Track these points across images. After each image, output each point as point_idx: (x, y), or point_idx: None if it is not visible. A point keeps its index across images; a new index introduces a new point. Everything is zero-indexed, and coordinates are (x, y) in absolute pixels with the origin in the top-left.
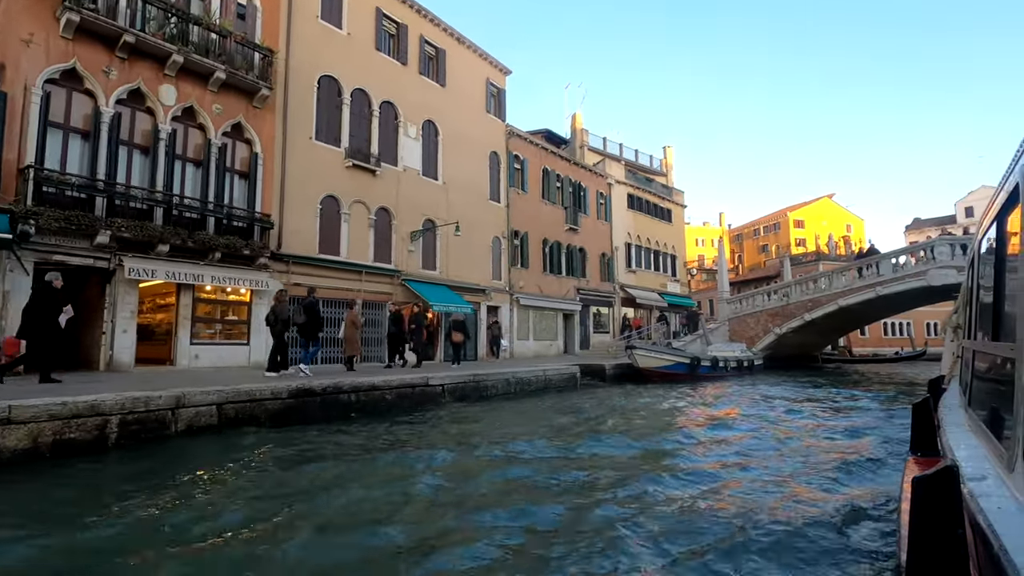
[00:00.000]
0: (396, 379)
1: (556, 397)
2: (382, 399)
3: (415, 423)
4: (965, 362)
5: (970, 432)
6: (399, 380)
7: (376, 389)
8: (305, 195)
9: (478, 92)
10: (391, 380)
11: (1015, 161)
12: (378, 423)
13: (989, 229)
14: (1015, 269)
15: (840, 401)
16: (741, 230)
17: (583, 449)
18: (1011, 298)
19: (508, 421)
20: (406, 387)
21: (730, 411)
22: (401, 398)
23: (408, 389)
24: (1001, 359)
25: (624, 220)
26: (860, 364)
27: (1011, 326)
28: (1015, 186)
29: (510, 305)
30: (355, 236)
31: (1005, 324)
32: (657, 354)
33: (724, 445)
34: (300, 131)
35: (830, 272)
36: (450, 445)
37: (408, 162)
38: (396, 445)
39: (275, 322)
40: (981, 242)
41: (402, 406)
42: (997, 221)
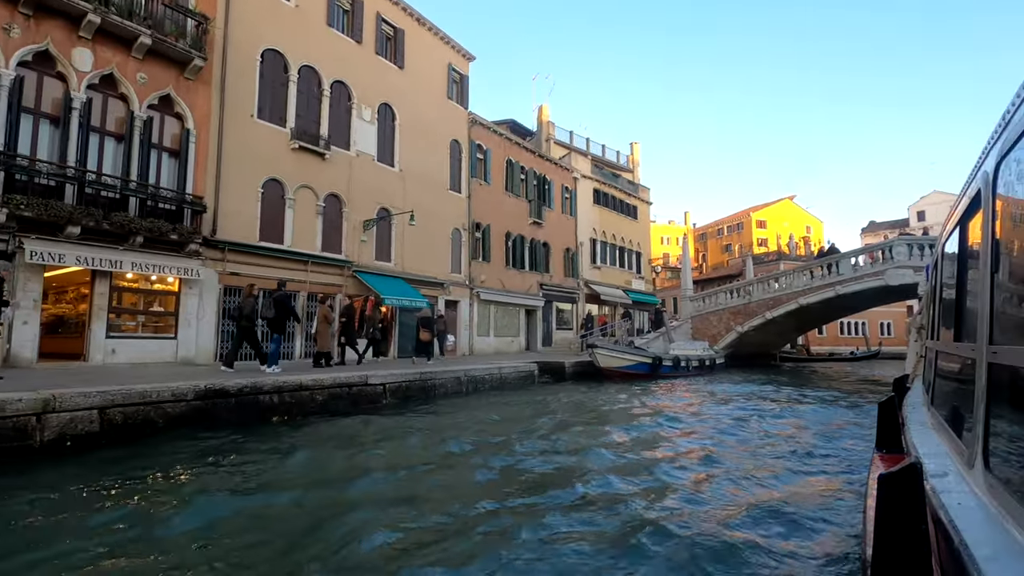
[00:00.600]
0: (328, 378)
1: (511, 396)
2: (311, 400)
3: (320, 442)
4: (928, 362)
5: (933, 430)
6: (332, 379)
7: (304, 389)
8: (245, 177)
9: (439, 77)
10: (322, 379)
11: (977, 167)
12: (291, 431)
13: (952, 233)
14: (976, 272)
15: (804, 403)
16: (705, 229)
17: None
18: (972, 300)
19: (446, 425)
20: (340, 387)
21: (686, 408)
22: (334, 399)
23: (343, 389)
24: (962, 359)
25: (589, 215)
26: (818, 363)
27: (972, 327)
28: (977, 192)
29: (470, 300)
30: (301, 223)
31: (966, 325)
32: (619, 354)
33: (676, 450)
34: (240, 108)
35: (791, 271)
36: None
37: (362, 147)
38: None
39: (239, 317)
40: (944, 245)
41: (336, 408)
42: (960, 225)
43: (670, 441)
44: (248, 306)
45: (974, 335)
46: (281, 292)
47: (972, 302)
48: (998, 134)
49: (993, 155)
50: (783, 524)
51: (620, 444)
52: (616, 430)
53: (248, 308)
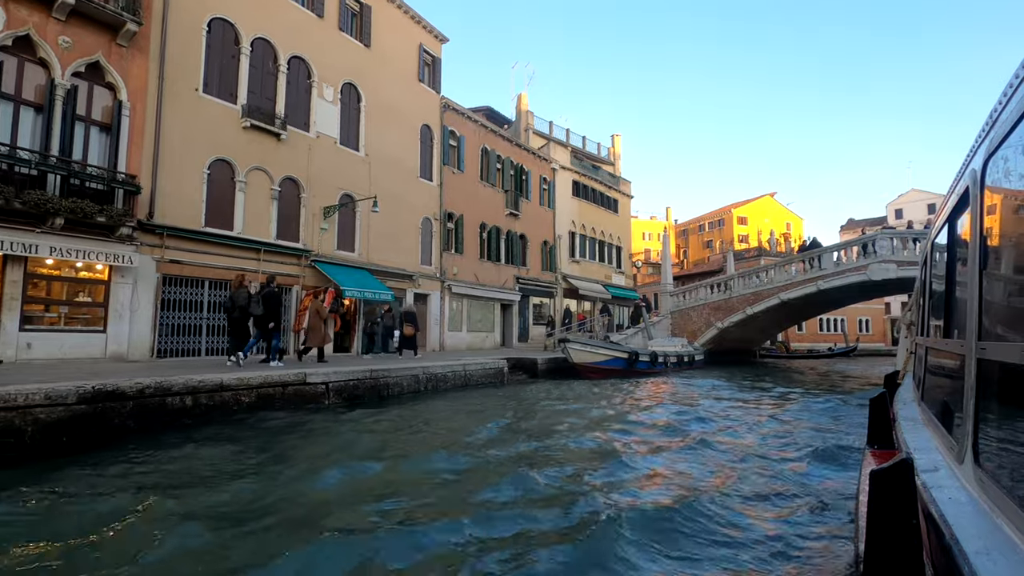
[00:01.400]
0: (258, 376)
1: (474, 396)
2: (235, 402)
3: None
4: (918, 358)
5: (923, 426)
6: (262, 377)
7: (226, 389)
8: (188, 156)
9: (410, 58)
10: (249, 377)
11: (965, 165)
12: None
13: (941, 230)
14: (965, 269)
15: (789, 402)
16: (687, 225)
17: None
18: (960, 297)
19: (359, 439)
20: (272, 386)
21: (657, 408)
22: (265, 401)
23: (275, 389)
24: (951, 355)
25: (568, 208)
26: (797, 360)
27: (961, 324)
28: (965, 189)
29: (441, 293)
30: (253, 208)
31: (955, 322)
32: (592, 348)
33: (650, 448)
34: (183, 80)
35: (772, 265)
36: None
37: (323, 128)
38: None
39: (232, 308)
40: (934, 242)
41: (269, 411)
42: (949, 222)
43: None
44: (241, 297)
45: (963, 331)
46: (270, 288)
47: (961, 298)
48: (985, 132)
49: (981, 153)
50: (775, 521)
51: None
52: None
53: (241, 299)
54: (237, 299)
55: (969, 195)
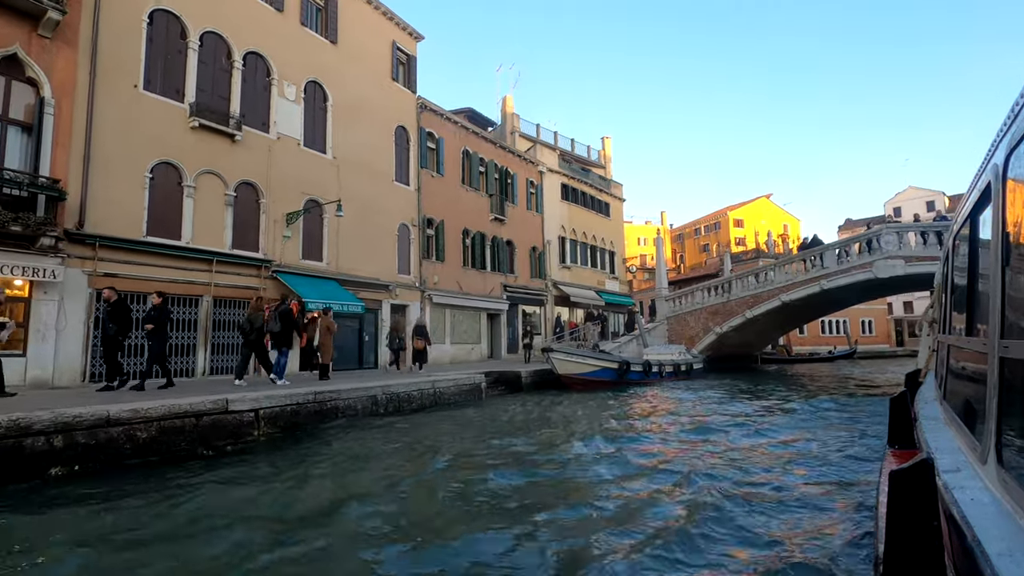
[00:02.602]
0: (159, 407)
1: (440, 419)
2: (126, 440)
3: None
4: (940, 357)
5: (945, 425)
6: (166, 408)
7: (114, 424)
8: (126, 159)
9: (382, 56)
10: (149, 408)
11: (986, 161)
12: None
13: (963, 226)
14: (987, 265)
15: (806, 418)
16: (682, 230)
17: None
18: (983, 294)
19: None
20: (181, 417)
21: (647, 430)
22: (169, 436)
23: (185, 421)
24: (974, 354)
25: (558, 212)
26: (800, 364)
27: (983, 321)
28: (987, 185)
29: (421, 303)
30: (204, 216)
31: (977, 319)
32: (579, 358)
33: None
34: (119, 76)
35: (772, 266)
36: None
37: (285, 129)
38: None
39: (250, 331)
40: (955, 238)
41: (172, 450)
42: (970, 218)
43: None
44: (258, 319)
45: (985, 329)
46: (286, 307)
47: (983, 295)
48: (1007, 127)
49: (1002, 148)
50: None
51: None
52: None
53: (258, 321)
54: (255, 321)
55: (991, 190)
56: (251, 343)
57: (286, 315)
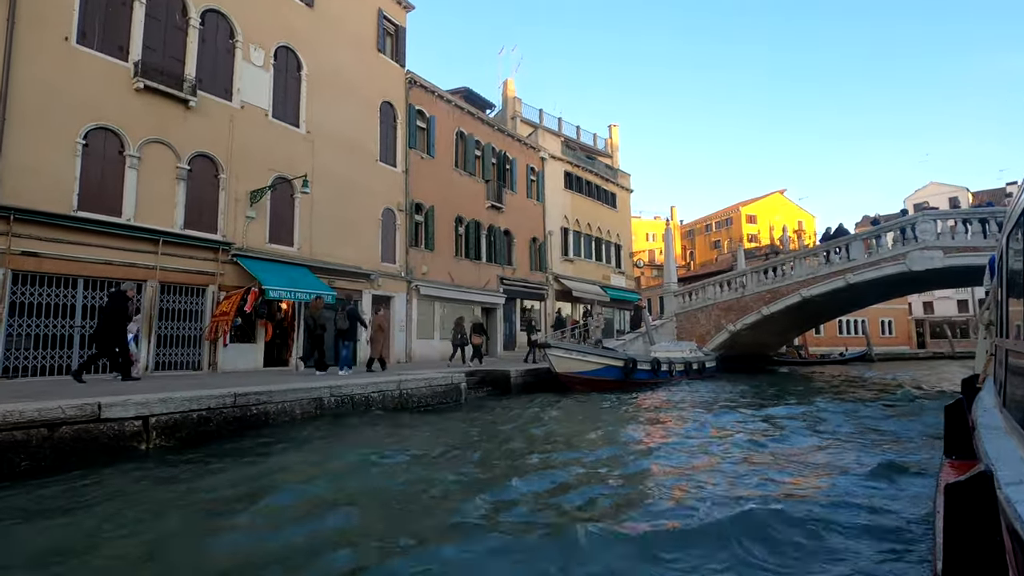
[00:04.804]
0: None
1: (396, 427)
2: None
3: None
4: (999, 360)
5: (1006, 434)
6: (6, 414)
7: None
8: (53, 122)
9: (366, 24)
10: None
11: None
12: None
13: (1019, 222)
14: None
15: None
16: (693, 226)
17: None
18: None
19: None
20: (25, 427)
21: (656, 442)
22: (7, 452)
23: (31, 432)
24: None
25: (560, 201)
26: (814, 366)
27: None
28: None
29: (407, 295)
30: (151, 190)
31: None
32: (580, 355)
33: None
34: (46, 26)
35: (792, 257)
36: None
37: (249, 97)
38: None
39: (314, 327)
40: (1010, 235)
41: (14, 470)
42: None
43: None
44: (321, 316)
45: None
46: (352, 305)
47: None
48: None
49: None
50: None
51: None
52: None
53: (321, 318)
54: (319, 318)
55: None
56: (316, 337)
57: (352, 313)
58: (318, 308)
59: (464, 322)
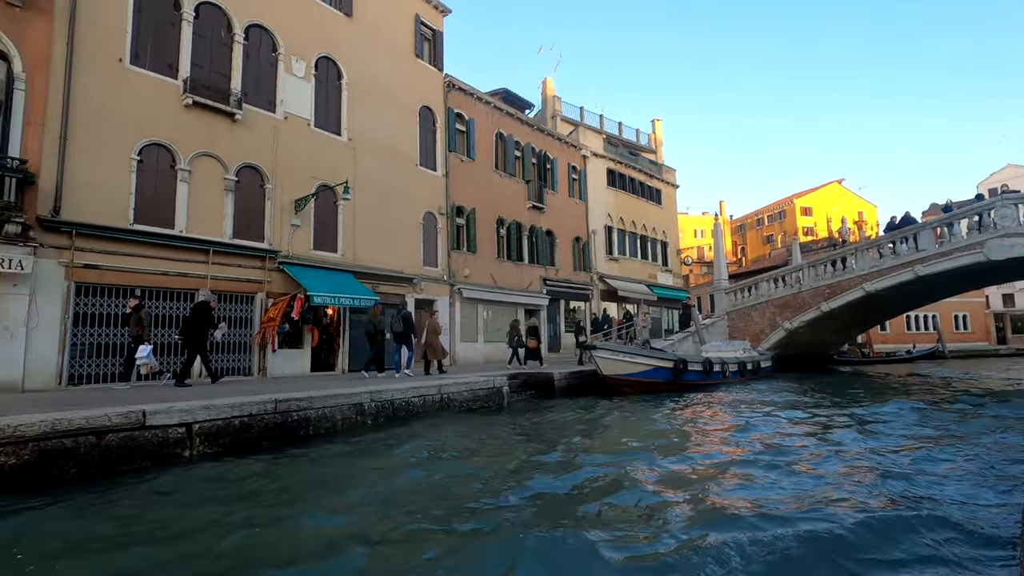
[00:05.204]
0: (38, 422)
1: (435, 433)
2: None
3: None
4: None
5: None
6: (48, 422)
7: None
8: (110, 140)
9: (404, 31)
10: (18, 424)
11: None
12: None
13: None
14: None
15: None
16: (743, 220)
17: None
18: None
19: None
20: (73, 435)
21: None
22: (51, 460)
23: (79, 440)
24: None
25: (603, 199)
26: (882, 364)
27: None
28: None
29: (450, 298)
30: (201, 202)
31: None
32: (627, 357)
33: None
34: (102, 49)
35: (852, 249)
36: None
37: (293, 108)
38: None
39: (375, 332)
40: None
41: (58, 477)
42: None
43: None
44: (381, 323)
45: None
46: (407, 311)
47: None
48: None
49: None
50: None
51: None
52: None
53: (381, 324)
54: (379, 324)
55: None
56: (377, 342)
57: (407, 318)
58: (377, 315)
59: (519, 325)
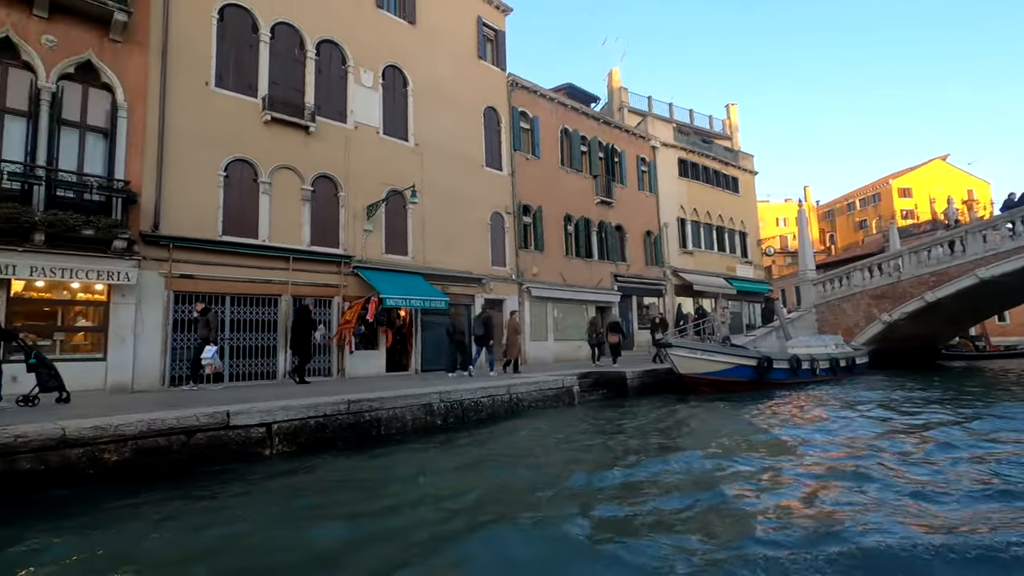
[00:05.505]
0: (136, 422)
1: (503, 436)
2: (90, 465)
3: None
4: None
5: None
6: (144, 423)
7: (72, 445)
8: (200, 158)
9: (466, 34)
10: (122, 425)
11: None
12: None
13: None
14: None
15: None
16: (832, 205)
17: None
18: None
19: None
20: (165, 434)
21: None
22: (146, 458)
23: (171, 439)
24: None
25: (675, 190)
26: (1000, 359)
27: None
28: None
29: (519, 297)
30: (281, 212)
31: None
32: (706, 354)
33: None
34: (190, 75)
35: (963, 231)
36: None
37: (362, 117)
38: None
39: (454, 332)
40: None
41: (154, 474)
42: None
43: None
44: (461, 324)
45: None
46: (487, 313)
47: None
48: None
49: None
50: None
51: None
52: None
53: (461, 325)
54: (459, 325)
55: None
56: (458, 343)
57: (487, 321)
58: (458, 316)
59: (599, 322)
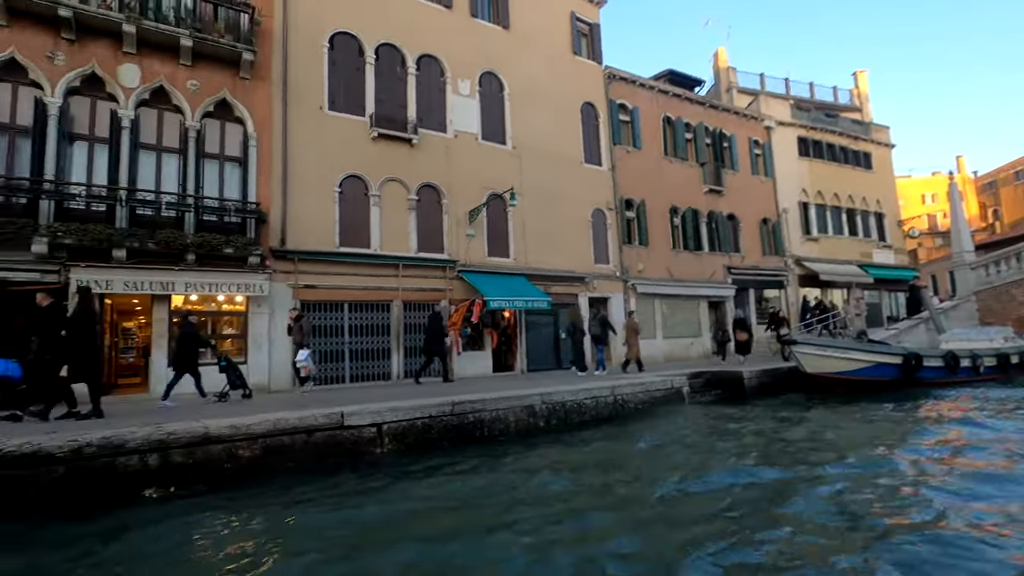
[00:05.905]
0: (262, 421)
1: (602, 442)
2: (228, 458)
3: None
4: None
5: None
6: (270, 422)
7: (213, 441)
8: (317, 177)
9: (560, 31)
10: (250, 424)
11: None
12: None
13: None
14: None
15: None
16: (994, 175)
17: None
18: None
19: None
20: (288, 433)
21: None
22: (275, 455)
23: (294, 437)
24: None
25: (795, 172)
26: None
27: None
28: None
29: (624, 295)
30: (390, 222)
31: None
32: (838, 352)
33: None
34: (306, 102)
35: None
36: None
37: (461, 126)
38: None
39: (573, 331)
40: None
41: (283, 467)
42: None
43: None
44: (580, 322)
45: None
46: (603, 314)
47: None
48: None
49: None
50: None
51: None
52: None
53: (580, 324)
54: (579, 324)
55: None
56: (576, 342)
57: (604, 320)
58: (576, 316)
59: (724, 319)
